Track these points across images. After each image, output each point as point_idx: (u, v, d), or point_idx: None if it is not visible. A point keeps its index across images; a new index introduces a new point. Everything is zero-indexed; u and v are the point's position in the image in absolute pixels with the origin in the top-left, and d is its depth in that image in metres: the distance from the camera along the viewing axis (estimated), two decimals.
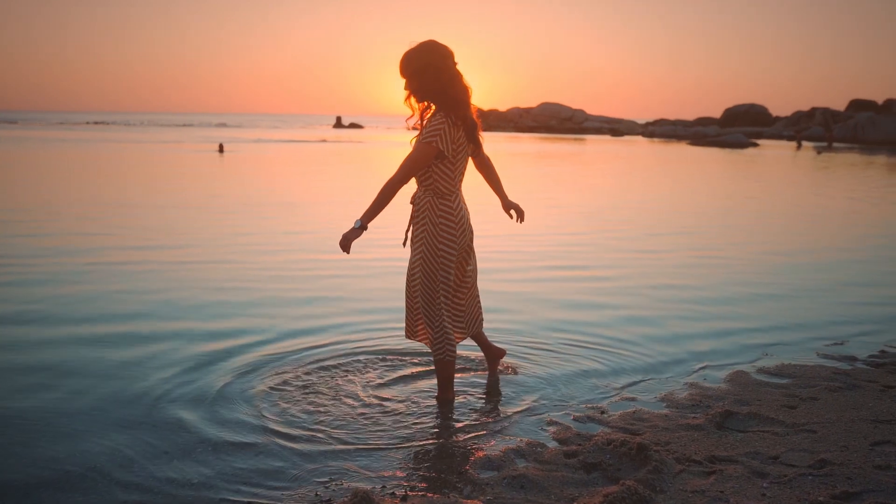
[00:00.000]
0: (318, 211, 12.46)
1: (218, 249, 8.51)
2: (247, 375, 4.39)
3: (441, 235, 3.80)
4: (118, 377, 4.34)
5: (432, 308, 3.90)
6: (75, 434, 3.57)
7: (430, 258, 3.83)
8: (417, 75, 3.67)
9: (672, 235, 10.31)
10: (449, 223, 3.80)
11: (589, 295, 6.58)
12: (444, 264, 3.84)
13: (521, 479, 3.17)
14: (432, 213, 3.80)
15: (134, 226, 10.14)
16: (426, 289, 3.86)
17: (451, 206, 3.80)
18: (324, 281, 6.94)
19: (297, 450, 3.45)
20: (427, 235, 3.81)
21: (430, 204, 3.80)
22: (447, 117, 3.67)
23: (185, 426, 3.68)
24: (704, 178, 22.44)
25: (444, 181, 3.76)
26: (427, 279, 3.85)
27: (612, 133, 69.21)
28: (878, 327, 5.68)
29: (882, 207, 14.41)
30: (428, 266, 3.84)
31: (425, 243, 3.82)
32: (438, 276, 3.84)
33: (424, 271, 3.85)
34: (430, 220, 3.80)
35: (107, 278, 6.87)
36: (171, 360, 4.63)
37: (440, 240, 3.80)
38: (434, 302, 3.89)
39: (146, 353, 4.75)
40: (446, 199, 3.80)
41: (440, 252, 3.81)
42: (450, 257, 3.83)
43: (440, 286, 3.87)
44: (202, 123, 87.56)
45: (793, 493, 2.98)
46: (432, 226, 3.80)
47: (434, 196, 3.79)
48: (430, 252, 3.82)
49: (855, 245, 9.79)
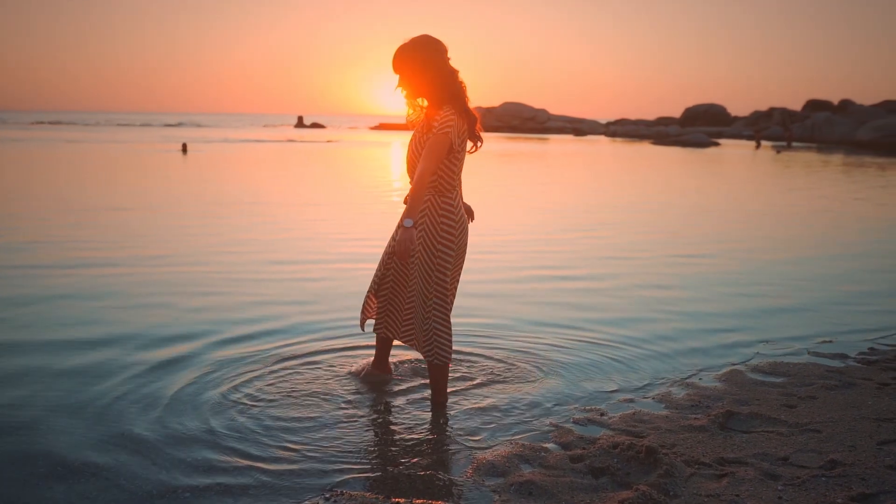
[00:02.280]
0: (289, 212, 12.25)
1: (188, 254, 8.29)
2: (205, 380, 4.22)
3: (440, 235, 3.67)
4: (65, 386, 4.09)
5: (446, 309, 3.79)
6: (16, 444, 3.38)
7: (427, 258, 3.69)
8: (418, 71, 3.55)
9: (656, 234, 10.33)
10: (450, 222, 3.68)
11: (574, 296, 6.52)
12: (440, 265, 3.71)
13: (529, 486, 3.07)
14: (433, 211, 3.65)
15: (98, 229, 9.85)
16: (434, 293, 3.74)
17: (451, 203, 3.69)
18: (288, 284, 6.78)
19: (290, 456, 3.31)
20: (426, 234, 3.66)
21: (432, 201, 3.66)
22: (455, 109, 3.56)
23: (134, 435, 3.49)
24: (679, 178, 22.62)
25: (448, 177, 3.64)
26: (425, 280, 3.72)
27: (575, 133, 69.57)
28: (865, 325, 5.69)
29: (857, 206, 14.62)
30: (424, 266, 3.70)
31: (423, 243, 3.67)
32: (433, 277, 3.71)
33: (421, 273, 3.72)
34: (432, 218, 3.66)
35: (51, 285, 6.59)
36: (119, 367, 4.39)
37: (439, 240, 3.67)
38: (446, 303, 3.78)
39: (93, 361, 4.49)
40: (447, 196, 3.68)
41: (438, 252, 3.68)
42: (447, 257, 3.71)
43: (438, 287, 3.74)
44: (159, 123, 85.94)
45: (809, 496, 2.93)
46: (432, 224, 3.66)
47: (435, 194, 3.66)
48: (428, 252, 3.68)
49: (835, 243, 9.89)
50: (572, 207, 13.38)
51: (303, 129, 79.35)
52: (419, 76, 3.56)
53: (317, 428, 3.62)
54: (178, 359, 4.57)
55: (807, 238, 10.27)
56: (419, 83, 3.58)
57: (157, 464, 3.24)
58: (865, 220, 12.36)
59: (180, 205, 12.58)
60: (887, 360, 4.78)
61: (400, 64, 3.61)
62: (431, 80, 3.55)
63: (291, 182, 18.41)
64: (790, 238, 10.23)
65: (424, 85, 3.58)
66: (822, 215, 12.90)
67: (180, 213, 11.48)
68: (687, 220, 11.89)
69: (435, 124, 3.53)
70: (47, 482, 3.08)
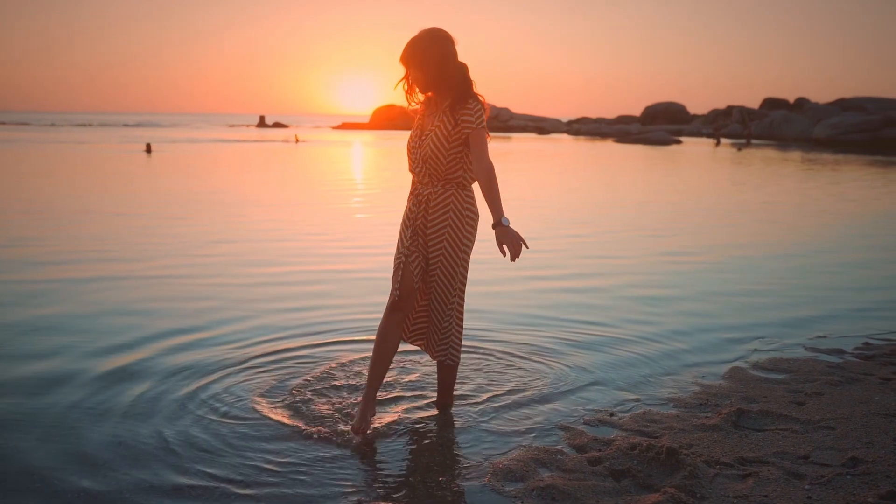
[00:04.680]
0: (269, 212, 12.06)
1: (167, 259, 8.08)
2: (160, 390, 4.07)
3: (465, 229, 3.55)
4: (12, 398, 3.90)
5: (463, 307, 3.70)
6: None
7: (453, 254, 3.55)
8: (439, 65, 3.40)
9: (641, 235, 10.35)
10: (473, 216, 3.57)
11: (566, 296, 6.49)
12: (465, 260, 3.60)
13: (551, 490, 3.00)
14: (458, 206, 3.52)
15: (70, 234, 9.58)
16: (457, 290, 3.62)
17: (472, 197, 3.59)
18: (257, 289, 6.65)
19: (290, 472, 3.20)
20: (451, 230, 3.52)
21: (455, 196, 3.52)
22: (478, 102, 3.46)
23: (88, 454, 3.31)
24: (651, 176, 22.79)
25: (470, 170, 3.54)
26: (450, 278, 3.58)
27: (537, 131, 69.88)
28: (856, 319, 5.74)
29: (833, 202, 14.84)
30: (449, 263, 3.56)
31: (448, 239, 3.53)
32: (458, 273, 3.59)
33: (446, 271, 3.57)
34: (457, 212, 3.52)
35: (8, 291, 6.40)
36: (68, 377, 4.20)
37: (464, 234, 3.55)
38: (463, 300, 3.68)
39: (41, 371, 4.29)
40: (469, 190, 3.58)
41: (464, 246, 3.57)
42: (469, 252, 3.62)
43: (461, 283, 3.64)
44: (117, 123, 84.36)
45: (838, 495, 2.90)
46: (458, 218, 3.52)
47: (457, 188, 3.53)
48: (454, 248, 3.54)
49: (816, 239, 10.01)
50: (558, 207, 13.36)
51: (265, 128, 78.48)
52: (440, 69, 3.41)
53: (303, 439, 3.48)
54: (131, 367, 4.37)
55: (791, 234, 10.38)
56: (438, 76, 3.42)
57: (116, 485, 3.04)
58: (845, 217, 12.55)
59: (144, 207, 12.30)
60: (884, 355, 4.81)
61: (420, 57, 3.41)
62: (454, 73, 3.43)
63: (272, 182, 18.16)
64: (776, 235, 10.33)
65: (446, 78, 3.42)
66: (801, 211, 13.07)
67: (145, 216, 11.21)
68: (668, 219, 11.94)
69: (469, 118, 3.40)
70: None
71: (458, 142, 3.44)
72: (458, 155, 3.47)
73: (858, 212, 13.27)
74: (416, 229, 3.57)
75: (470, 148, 3.43)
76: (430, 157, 3.46)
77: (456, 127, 3.42)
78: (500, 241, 3.39)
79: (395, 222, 3.94)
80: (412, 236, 3.57)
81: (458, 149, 3.46)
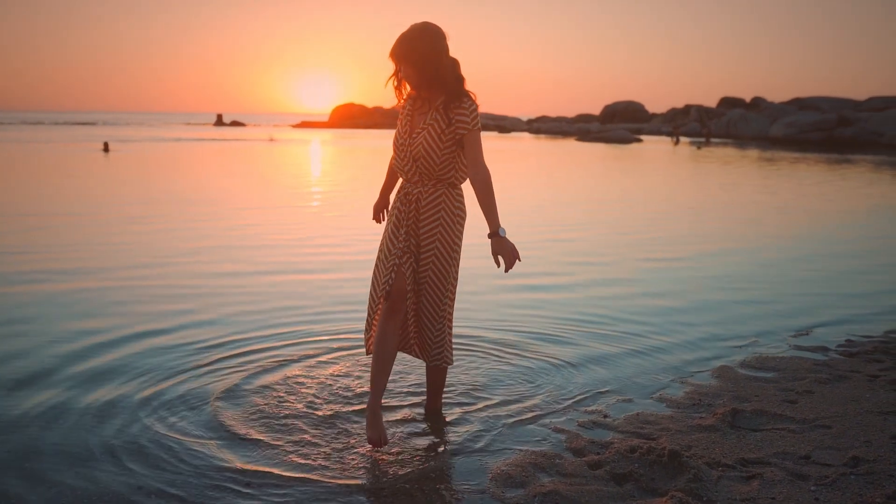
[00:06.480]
0: (233, 213, 11.83)
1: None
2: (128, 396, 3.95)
3: (456, 228, 3.45)
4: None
5: (453, 308, 3.59)
6: None
7: (445, 255, 3.45)
8: (433, 61, 3.28)
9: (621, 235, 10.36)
10: (463, 216, 3.48)
11: (543, 294, 6.44)
12: (457, 260, 3.51)
13: (554, 496, 2.93)
14: (449, 206, 3.42)
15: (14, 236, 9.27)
16: (449, 291, 3.52)
17: (462, 196, 3.50)
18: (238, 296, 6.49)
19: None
20: (443, 230, 3.42)
21: (447, 195, 3.42)
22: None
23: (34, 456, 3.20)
24: (618, 176, 22.92)
25: (461, 169, 3.44)
26: (442, 279, 3.47)
27: (499, 130, 70.00)
28: (836, 316, 5.78)
29: (796, 201, 15.05)
30: (441, 263, 3.45)
31: (440, 239, 3.43)
32: (451, 273, 3.49)
33: (438, 271, 3.46)
34: (448, 212, 3.42)
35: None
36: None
37: (456, 233, 3.46)
38: (454, 301, 3.58)
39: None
40: (459, 189, 3.48)
41: (455, 246, 3.47)
42: (460, 252, 3.52)
43: (453, 284, 3.54)
44: (70, 122, 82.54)
45: (845, 496, 2.87)
46: (449, 218, 3.42)
47: (449, 187, 3.43)
48: (446, 248, 3.44)
49: (793, 236, 10.11)
50: (536, 207, 13.33)
51: (222, 127, 77.45)
52: (434, 67, 3.29)
53: (286, 448, 3.37)
54: (89, 371, 4.23)
55: (765, 232, 10.48)
56: (432, 74, 3.29)
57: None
58: (814, 214, 12.73)
59: (102, 210, 12.00)
60: (867, 352, 4.83)
61: (412, 55, 3.28)
62: (448, 70, 3.32)
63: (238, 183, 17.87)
64: (749, 233, 10.42)
65: (440, 75, 3.29)
66: (771, 209, 13.23)
67: (101, 220, 10.93)
68: (642, 219, 11.99)
69: (464, 118, 3.30)
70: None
71: (451, 141, 3.34)
72: (451, 154, 3.37)
73: (826, 209, 13.47)
74: (409, 230, 3.46)
75: (465, 151, 3.33)
76: (422, 156, 3.34)
77: (450, 126, 3.30)
78: (495, 252, 3.32)
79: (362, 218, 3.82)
80: (406, 237, 3.45)
81: (452, 148, 3.35)
